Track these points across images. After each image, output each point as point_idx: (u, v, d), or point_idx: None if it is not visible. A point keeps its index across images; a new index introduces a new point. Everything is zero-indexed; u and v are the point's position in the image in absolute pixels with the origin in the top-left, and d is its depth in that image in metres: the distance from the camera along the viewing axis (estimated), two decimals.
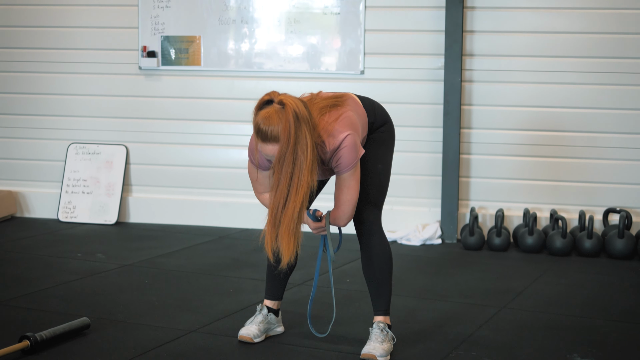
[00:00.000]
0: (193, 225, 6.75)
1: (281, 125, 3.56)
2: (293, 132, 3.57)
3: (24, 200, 7.04)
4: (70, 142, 6.95)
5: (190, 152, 6.80)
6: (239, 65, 6.61)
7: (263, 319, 4.05)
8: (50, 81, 6.95)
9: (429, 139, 6.36)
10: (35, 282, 5.01)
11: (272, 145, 3.59)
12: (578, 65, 6.15)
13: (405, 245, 6.18)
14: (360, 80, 6.43)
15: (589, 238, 5.85)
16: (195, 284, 5.06)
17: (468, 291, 4.97)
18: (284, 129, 3.56)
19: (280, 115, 3.58)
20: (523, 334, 4.20)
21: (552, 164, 6.25)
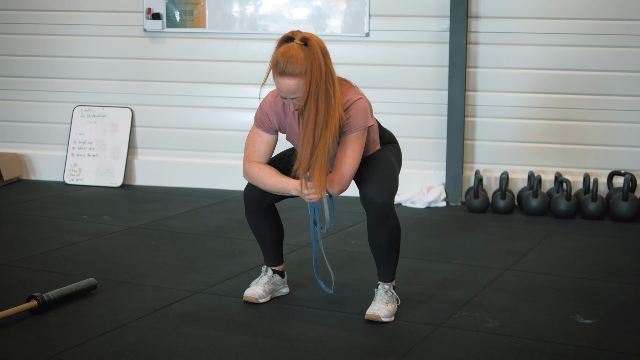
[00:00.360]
0: (198, 187, 6.77)
1: (307, 60, 3.53)
2: (323, 63, 3.56)
3: (30, 162, 7.06)
4: (75, 105, 6.95)
5: (195, 114, 6.80)
6: (244, 28, 6.60)
7: (268, 280, 4.08)
8: (55, 43, 6.94)
9: (434, 102, 6.36)
10: (42, 244, 5.04)
11: (290, 80, 3.54)
12: (584, 27, 6.12)
13: (410, 207, 6.20)
14: (365, 43, 6.41)
15: (593, 201, 5.86)
16: (201, 245, 5.09)
17: (472, 253, 4.99)
18: (313, 61, 3.53)
19: (304, 50, 3.55)
20: (526, 295, 4.22)
21: (557, 127, 6.25)
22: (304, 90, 3.56)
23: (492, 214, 6.03)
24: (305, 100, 3.58)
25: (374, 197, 3.71)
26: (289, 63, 3.53)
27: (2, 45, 7.03)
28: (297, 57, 3.53)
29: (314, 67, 3.54)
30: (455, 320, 3.86)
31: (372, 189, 3.72)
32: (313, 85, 3.55)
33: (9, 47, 7.02)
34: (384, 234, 3.78)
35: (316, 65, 3.55)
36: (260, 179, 3.81)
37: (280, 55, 3.56)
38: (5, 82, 7.07)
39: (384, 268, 3.89)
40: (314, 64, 3.54)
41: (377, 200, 3.71)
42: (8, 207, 6.06)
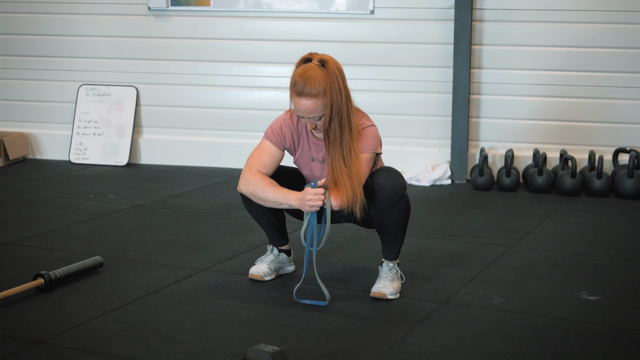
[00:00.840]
0: (203, 166, 6.78)
1: (326, 80, 3.58)
2: (342, 84, 3.62)
3: (36, 141, 7.07)
4: (80, 84, 6.95)
5: (200, 93, 6.80)
6: (249, 6, 6.58)
7: (274, 258, 4.09)
8: (59, 22, 6.93)
9: (439, 79, 6.34)
10: (48, 222, 5.06)
11: (308, 100, 3.59)
12: (588, 3, 6.09)
13: (415, 185, 6.20)
14: (370, 20, 6.40)
15: (598, 178, 5.86)
16: (206, 224, 5.10)
17: (477, 230, 5.00)
18: (332, 82, 3.58)
19: (322, 71, 3.60)
20: (531, 272, 4.23)
21: (562, 104, 6.24)
22: (327, 112, 3.61)
23: (497, 192, 6.04)
24: (329, 121, 3.62)
25: (384, 183, 3.71)
26: (307, 83, 3.58)
27: (6, 24, 7.03)
28: (315, 78, 3.58)
29: (332, 87, 3.60)
30: (460, 297, 3.87)
31: (382, 176, 3.73)
32: (335, 107, 3.61)
33: (13, 25, 7.02)
34: (393, 217, 3.78)
35: (335, 86, 3.60)
36: (261, 187, 3.74)
37: (298, 76, 3.60)
38: (10, 61, 7.07)
39: (390, 247, 3.90)
40: (332, 84, 3.60)
41: (387, 185, 3.71)
42: (14, 186, 6.07)
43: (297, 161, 3.89)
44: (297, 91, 3.60)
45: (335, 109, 3.61)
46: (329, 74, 3.60)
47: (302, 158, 3.86)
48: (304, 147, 3.84)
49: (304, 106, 3.60)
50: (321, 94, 3.58)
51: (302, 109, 3.62)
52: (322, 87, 3.58)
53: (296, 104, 3.63)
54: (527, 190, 6.05)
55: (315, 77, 3.58)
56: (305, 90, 3.58)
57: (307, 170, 3.88)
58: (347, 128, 3.65)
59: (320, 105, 3.60)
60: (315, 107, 3.60)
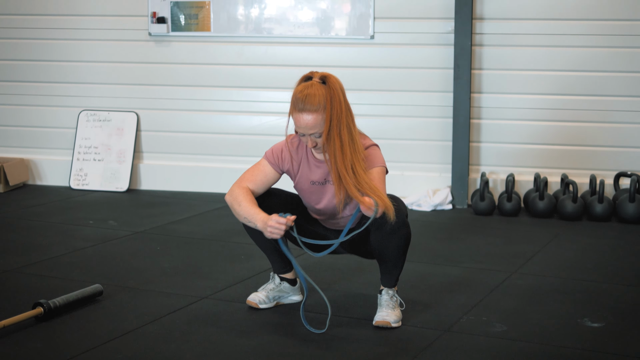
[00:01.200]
0: (204, 192, 6.77)
1: (327, 95, 3.59)
2: (343, 99, 3.63)
3: (36, 167, 7.06)
4: (81, 109, 6.95)
5: (200, 118, 6.80)
6: (249, 31, 6.59)
7: (274, 287, 4.07)
8: (61, 48, 6.94)
9: (440, 104, 6.34)
10: (48, 250, 5.04)
11: (308, 115, 3.59)
12: (588, 28, 6.10)
13: (416, 210, 6.18)
14: (370, 45, 6.40)
15: (599, 202, 5.84)
16: (207, 250, 5.08)
17: (479, 256, 4.98)
18: (333, 96, 3.59)
19: (323, 87, 3.62)
20: (534, 298, 4.21)
21: (562, 128, 6.23)
22: (325, 125, 3.61)
23: (498, 217, 6.02)
24: (327, 133, 3.62)
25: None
26: (307, 99, 3.59)
27: (8, 49, 7.04)
28: (315, 94, 3.59)
29: (334, 102, 3.60)
30: (462, 325, 3.85)
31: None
32: (334, 119, 3.61)
33: (14, 51, 7.02)
34: (394, 244, 3.76)
35: (336, 100, 3.61)
36: (238, 200, 3.74)
37: (299, 93, 3.62)
38: (11, 87, 7.08)
39: (389, 274, 3.88)
40: (333, 98, 3.60)
41: (388, 214, 3.67)
42: (14, 212, 6.06)
43: (297, 185, 3.88)
44: (298, 107, 3.61)
45: (335, 120, 3.60)
46: (329, 89, 3.61)
47: (302, 182, 3.85)
48: (303, 170, 3.83)
49: (304, 122, 3.60)
50: (321, 109, 3.59)
51: (302, 125, 3.62)
52: (322, 102, 3.59)
53: (296, 120, 3.63)
54: (529, 215, 6.03)
55: (316, 94, 3.59)
56: (306, 106, 3.58)
57: (307, 194, 3.85)
58: (347, 139, 3.63)
59: (320, 121, 3.60)
60: (315, 122, 3.59)
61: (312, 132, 3.63)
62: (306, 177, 3.83)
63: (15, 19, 6.98)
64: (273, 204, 3.85)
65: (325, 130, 3.61)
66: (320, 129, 3.62)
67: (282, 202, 3.90)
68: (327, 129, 3.61)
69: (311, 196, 3.85)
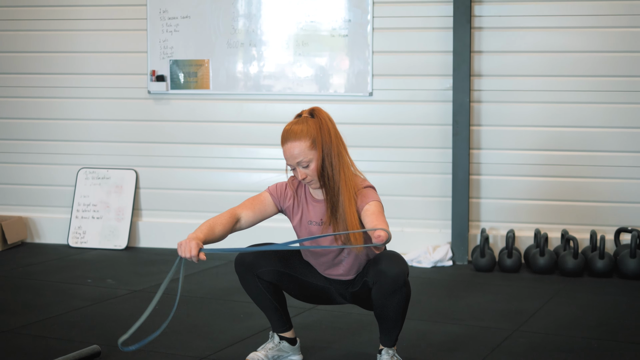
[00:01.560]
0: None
1: (315, 125, 3.63)
2: (332, 128, 3.66)
3: (34, 225, 7.04)
4: (80, 167, 6.96)
5: (199, 175, 6.80)
6: (248, 88, 6.62)
7: (274, 346, 4.03)
8: (59, 106, 6.97)
9: (439, 160, 6.35)
10: (46, 309, 5.00)
11: (293, 142, 3.61)
12: (586, 84, 6.14)
13: (417, 267, 6.16)
14: (369, 102, 6.43)
15: (600, 258, 5.82)
16: (206, 309, 5.05)
17: (480, 313, 4.94)
18: (321, 126, 3.63)
19: (311, 119, 3.65)
20: (536, 357, 4.16)
21: (562, 184, 6.23)
22: (318, 154, 3.62)
23: (499, 273, 5.99)
24: (322, 162, 3.64)
25: (387, 269, 3.64)
26: (292, 129, 3.64)
27: (6, 107, 7.06)
28: (301, 123, 3.64)
29: (322, 131, 3.63)
30: None
31: (385, 262, 3.66)
32: (325, 147, 3.63)
33: (13, 110, 7.04)
34: (395, 304, 3.72)
35: (325, 129, 3.64)
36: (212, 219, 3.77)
37: (287, 127, 3.68)
38: (9, 145, 7.09)
39: (389, 334, 3.84)
40: (322, 128, 3.64)
41: (390, 272, 3.64)
42: (12, 271, 6.03)
43: (296, 227, 3.86)
44: (284, 138, 3.65)
45: (326, 149, 3.63)
46: (317, 119, 3.65)
47: (300, 223, 3.83)
48: (303, 211, 3.82)
49: (289, 151, 3.63)
50: (305, 137, 3.61)
51: (288, 155, 3.65)
52: (306, 131, 3.61)
53: (284, 153, 3.66)
54: (529, 271, 6.00)
55: (302, 123, 3.64)
56: (290, 135, 3.63)
57: (306, 234, 3.82)
58: (339, 168, 3.64)
59: (305, 148, 3.61)
60: (300, 149, 3.61)
61: (298, 161, 3.64)
62: (305, 217, 3.81)
63: (14, 77, 7.01)
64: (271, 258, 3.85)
65: (318, 162, 3.63)
66: (306, 157, 3.62)
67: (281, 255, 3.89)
68: (320, 160, 3.63)
69: (309, 234, 3.82)
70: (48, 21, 6.92)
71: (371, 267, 3.73)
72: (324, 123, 3.64)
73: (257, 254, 3.84)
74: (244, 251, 3.79)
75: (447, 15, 6.24)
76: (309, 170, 3.66)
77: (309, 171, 3.66)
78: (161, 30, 6.69)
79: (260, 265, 3.83)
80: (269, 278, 3.84)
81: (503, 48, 6.23)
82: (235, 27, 6.58)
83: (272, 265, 3.83)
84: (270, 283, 3.86)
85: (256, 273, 3.85)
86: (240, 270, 3.88)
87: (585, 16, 6.11)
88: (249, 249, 3.73)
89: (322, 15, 6.45)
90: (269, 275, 3.84)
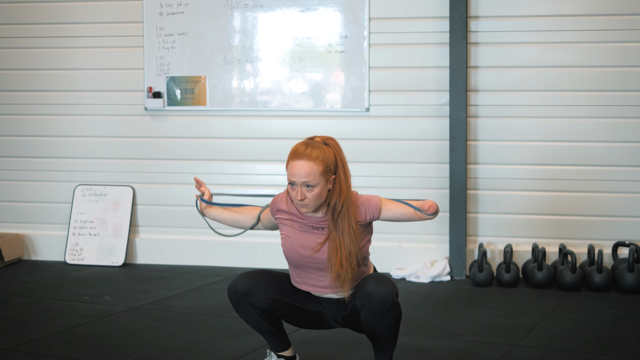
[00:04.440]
0: (201, 265, 6.73)
1: (325, 152, 3.66)
2: (344, 159, 3.72)
3: (31, 243, 7.03)
4: (76, 184, 6.95)
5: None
6: (244, 104, 6.63)
7: None
8: (56, 123, 6.96)
9: (436, 175, 6.35)
10: (43, 327, 4.98)
11: (305, 161, 3.62)
12: (582, 98, 6.15)
13: (414, 282, 6.15)
14: (365, 118, 6.43)
15: (598, 272, 5.81)
16: (204, 325, 5.03)
17: (479, 329, 4.94)
18: (337, 154, 3.70)
19: (327, 149, 3.69)
20: None
21: (559, 198, 6.23)
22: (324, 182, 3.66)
23: (497, 288, 5.98)
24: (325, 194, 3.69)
25: (374, 292, 3.65)
26: (307, 150, 3.65)
27: (2, 125, 7.05)
28: (318, 149, 3.66)
29: (337, 165, 3.69)
30: None
31: (372, 284, 3.68)
32: (336, 180, 3.69)
33: (10, 127, 7.04)
34: (385, 325, 3.71)
35: (339, 164, 3.70)
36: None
37: (300, 146, 3.69)
38: (6, 162, 7.08)
39: (383, 352, 3.81)
40: (336, 161, 3.69)
41: (377, 294, 3.64)
42: (9, 288, 6.01)
43: (286, 245, 3.83)
44: (296, 156, 3.65)
45: (335, 182, 3.69)
46: (333, 149, 3.70)
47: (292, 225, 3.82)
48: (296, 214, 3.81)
49: (300, 168, 3.63)
50: (321, 162, 3.63)
51: (297, 171, 3.63)
52: (322, 156, 3.64)
53: (292, 168, 3.65)
54: (527, 286, 6.00)
55: (316, 148, 3.66)
56: (306, 153, 3.63)
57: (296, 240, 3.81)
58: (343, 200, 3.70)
59: (316, 172, 3.62)
60: (311, 170, 3.62)
61: (305, 180, 3.63)
62: (299, 221, 3.80)
63: (11, 95, 7.01)
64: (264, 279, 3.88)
65: (323, 189, 3.66)
66: (314, 180, 3.63)
67: (273, 280, 3.90)
68: (325, 188, 3.67)
69: (299, 242, 3.80)
70: (45, 39, 6.92)
71: (359, 290, 3.72)
72: (338, 158, 3.69)
73: (250, 281, 3.82)
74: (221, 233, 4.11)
75: (443, 30, 6.25)
76: (311, 193, 3.65)
77: (310, 194, 3.66)
78: (158, 47, 6.70)
79: (253, 293, 3.82)
80: (262, 305, 3.83)
81: (499, 63, 6.24)
82: (231, 44, 6.59)
83: (265, 293, 3.82)
84: (265, 310, 3.85)
85: (250, 301, 3.83)
86: (234, 299, 3.86)
87: (581, 31, 6.13)
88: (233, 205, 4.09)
89: (318, 31, 6.46)
90: (262, 303, 3.83)
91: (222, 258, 6.71)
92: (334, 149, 3.70)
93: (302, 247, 3.76)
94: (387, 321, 3.68)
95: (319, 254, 3.72)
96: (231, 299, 3.85)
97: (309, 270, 3.79)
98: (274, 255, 6.40)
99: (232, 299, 3.85)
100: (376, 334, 3.73)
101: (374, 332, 3.73)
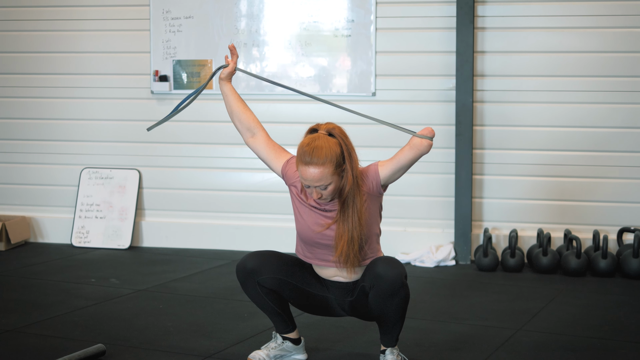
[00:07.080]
0: (206, 249, 6.75)
1: (332, 147, 3.64)
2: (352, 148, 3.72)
3: (38, 225, 7.05)
4: (83, 167, 6.96)
5: (202, 175, 6.80)
6: (251, 88, 6.63)
7: (276, 345, 4.03)
8: (62, 106, 6.97)
9: (442, 160, 6.35)
10: (50, 309, 5.01)
11: (314, 168, 3.62)
12: (589, 84, 6.14)
13: (419, 267, 6.16)
14: (371, 102, 6.43)
15: (603, 258, 5.82)
16: (210, 308, 5.05)
17: (483, 313, 4.95)
18: (337, 145, 3.66)
19: (330, 140, 3.66)
20: (539, 356, 4.17)
21: (565, 184, 6.24)
22: (338, 177, 3.67)
23: (502, 272, 5.99)
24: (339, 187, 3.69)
25: (384, 273, 3.68)
26: (314, 152, 3.63)
27: (9, 108, 7.07)
28: (321, 147, 3.63)
29: (345, 156, 3.68)
30: None
31: (382, 266, 3.70)
32: (347, 172, 3.68)
33: (17, 110, 7.05)
34: (394, 306, 3.73)
35: (347, 154, 3.68)
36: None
37: (305, 146, 3.66)
38: (13, 145, 7.09)
39: (390, 334, 3.84)
40: (344, 152, 3.68)
41: (387, 275, 3.67)
42: (15, 270, 6.03)
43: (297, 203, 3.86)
44: (305, 161, 3.63)
45: (346, 174, 3.68)
46: (338, 140, 3.68)
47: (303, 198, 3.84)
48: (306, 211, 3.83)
49: (311, 175, 3.62)
50: (328, 162, 3.61)
51: (308, 177, 3.63)
52: (329, 155, 3.62)
53: (303, 173, 3.65)
54: (532, 271, 6.01)
55: (323, 146, 3.63)
56: (313, 159, 3.61)
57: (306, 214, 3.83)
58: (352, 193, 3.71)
59: (327, 174, 3.62)
60: (322, 175, 3.62)
61: (318, 184, 3.64)
62: (308, 204, 3.82)
63: (17, 78, 7.02)
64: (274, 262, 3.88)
65: (337, 183, 3.67)
66: (327, 181, 3.64)
67: (284, 262, 3.91)
68: (340, 182, 3.69)
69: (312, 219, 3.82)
70: (51, 21, 6.93)
71: (368, 272, 3.74)
72: (344, 147, 3.68)
73: (258, 260, 3.84)
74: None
75: (450, 15, 6.24)
76: (326, 191, 3.67)
77: (326, 192, 3.68)
78: (164, 30, 6.70)
79: (261, 272, 3.84)
80: (269, 285, 3.85)
81: (506, 48, 6.23)
82: (238, 28, 6.59)
83: (272, 273, 3.84)
84: (271, 290, 3.87)
85: (257, 280, 3.85)
86: (242, 277, 3.88)
87: (588, 16, 6.12)
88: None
89: (324, 16, 6.46)
90: (269, 282, 3.85)
91: (227, 241, 6.73)
92: (339, 138, 3.69)
93: (314, 224, 3.79)
94: (395, 303, 3.70)
95: (328, 231, 3.75)
96: (239, 276, 3.88)
97: (321, 246, 3.81)
98: (279, 239, 6.42)
99: (240, 276, 3.88)
100: (384, 315, 3.75)
101: (382, 313, 3.75)
